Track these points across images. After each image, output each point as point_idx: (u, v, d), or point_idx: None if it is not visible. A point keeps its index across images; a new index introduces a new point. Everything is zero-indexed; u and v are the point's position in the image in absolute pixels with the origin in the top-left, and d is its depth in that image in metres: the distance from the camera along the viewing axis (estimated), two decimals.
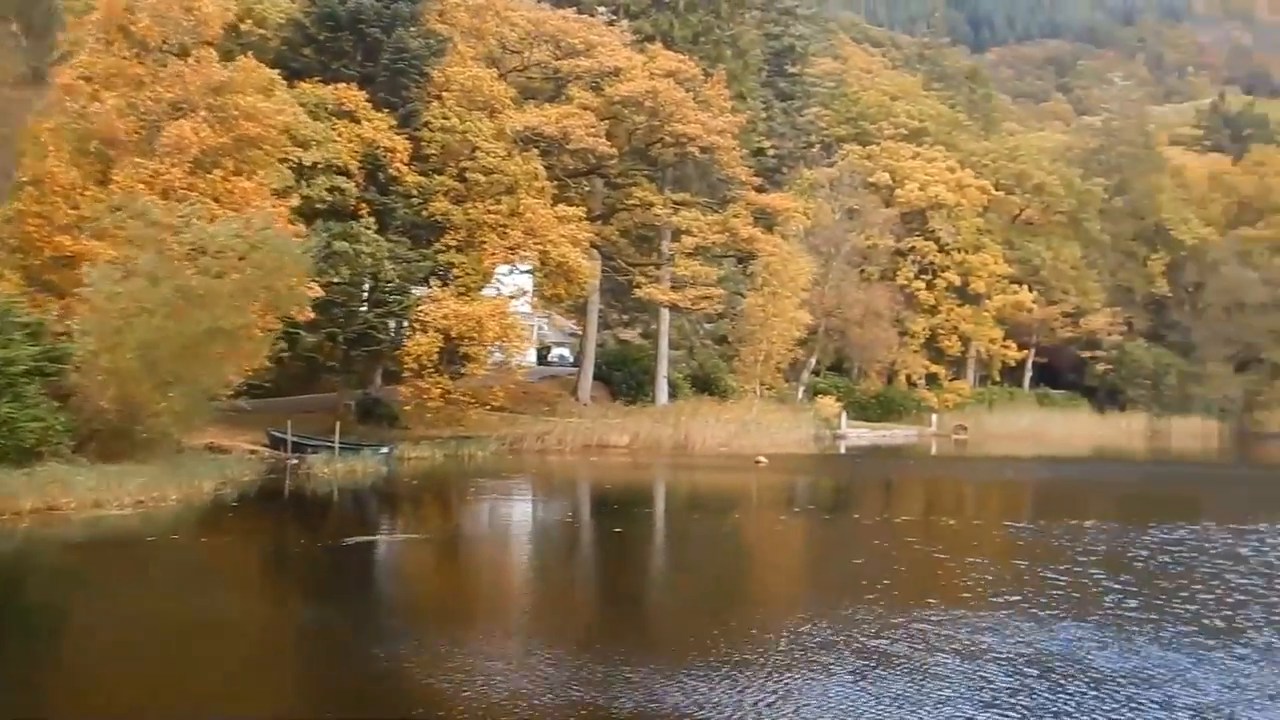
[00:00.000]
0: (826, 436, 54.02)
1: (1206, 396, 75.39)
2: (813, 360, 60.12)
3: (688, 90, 43.80)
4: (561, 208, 39.11)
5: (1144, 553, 18.98)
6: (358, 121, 35.12)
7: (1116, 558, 18.48)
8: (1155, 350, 76.12)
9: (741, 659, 11.08)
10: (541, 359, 62.83)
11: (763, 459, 37.28)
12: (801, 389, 58.81)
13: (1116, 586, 15.62)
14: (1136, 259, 78.50)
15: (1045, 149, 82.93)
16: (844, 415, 56.63)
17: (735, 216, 44.36)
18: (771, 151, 68.84)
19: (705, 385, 52.77)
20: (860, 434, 57.12)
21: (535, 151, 39.73)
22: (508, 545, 21.34)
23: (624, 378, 50.25)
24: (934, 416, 63.59)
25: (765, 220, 49.58)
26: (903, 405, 64.31)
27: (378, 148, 35.13)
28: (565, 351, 61.80)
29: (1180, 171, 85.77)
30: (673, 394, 49.92)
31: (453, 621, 13.29)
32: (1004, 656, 11.33)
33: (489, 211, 37.26)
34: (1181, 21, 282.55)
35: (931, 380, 66.48)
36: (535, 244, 37.86)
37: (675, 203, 44.70)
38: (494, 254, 37.62)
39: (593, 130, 41.26)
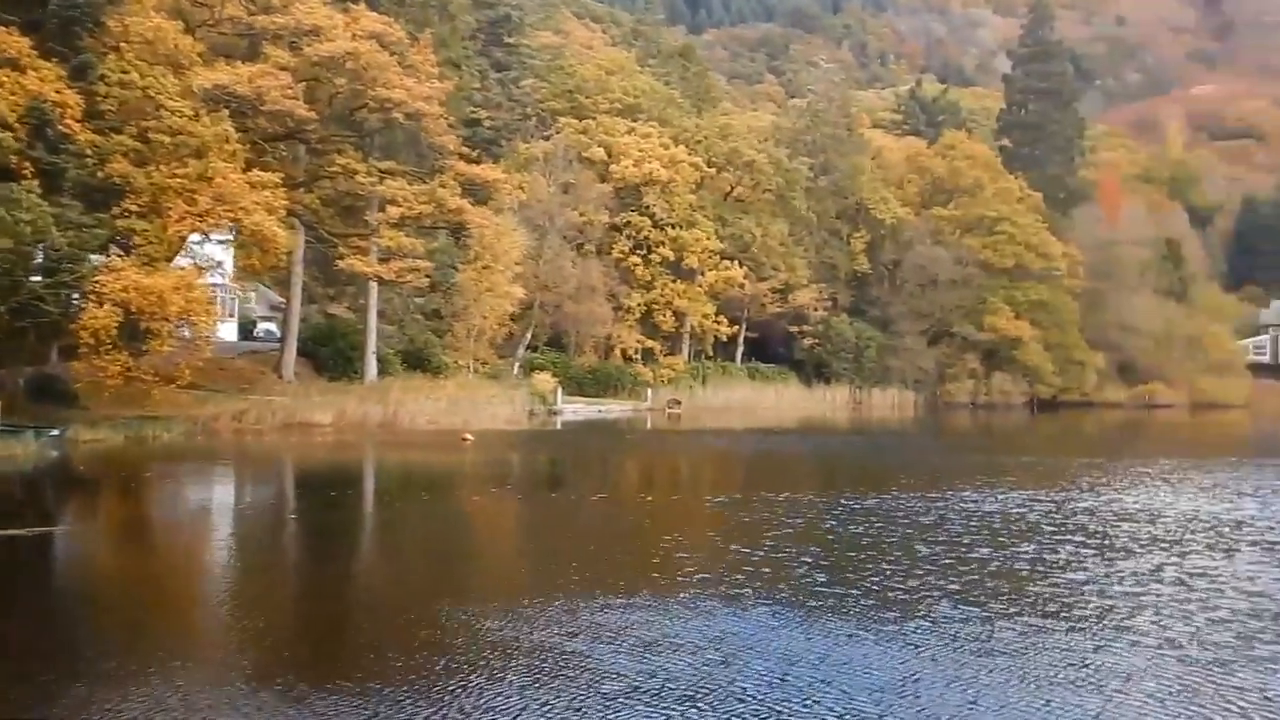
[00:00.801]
0: (541, 412, 53.45)
1: (903, 369, 79.62)
2: (528, 335, 59.45)
3: (393, 54, 41.91)
4: (256, 173, 36.47)
5: (835, 524, 19.07)
6: (21, 71, 31.57)
7: (810, 530, 18.47)
8: (857, 325, 79.73)
9: (411, 667, 9.95)
10: (247, 334, 59.71)
11: (469, 436, 36.21)
12: (517, 364, 58.05)
13: (808, 560, 15.42)
14: (840, 237, 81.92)
15: (756, 128, 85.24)
16: (559, 390, 56.22)
17: (443, 187, 42.79)
18: (488, 123, 67.56)
19: (417, 361, 51.16)
20: (576, 409, 56.91)
21: (226, 112, 37.00)
22: (175, 536, 19.30)
23: (331, 353, 48.04)
24: (649, 391, 64.21)
25: (478, 193, 48.28)
26: (619, 380, 64.61)
27: (45, 101, 31.66)
28: (273, 326, 58.89)
29: (880, 153, 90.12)
30: (383, 370, 48.06)
31: (70, 651, 11.44)
32: (686, 644, 10.68)
33: (174, 175, 34.38)
34: (884, 11, 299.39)
35: (647, 355, 67.05)
36: (226, 211, 35.23)
37: (381, 171, 42.71)
38: (180, 221, 34.71)
39: (289, 92, 38.80)
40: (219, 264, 40.19)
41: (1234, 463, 35.11)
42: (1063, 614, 12.28)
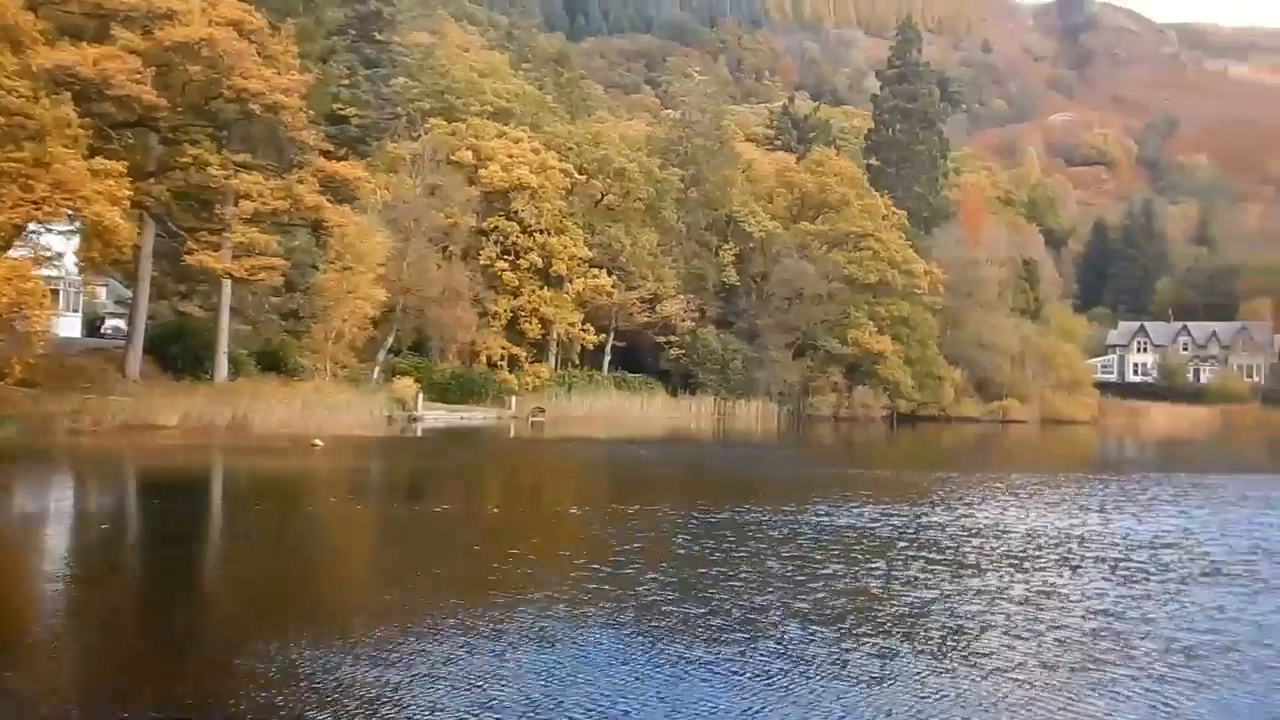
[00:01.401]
0: (401, 419, 52.15)
1: (768, 381, 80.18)
2: (390, 339, 58.05)
3: (252, 43, 40.30)
4: (100, 161, 34.63)
5: (688, 538, 18.64)
6: None
7: (661, 544, 17.96)
8: (724, 337, 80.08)
9: (198, 705, 9.10)
10: (94, 330, 57.33)
11: (319, 442, 34.92)
12: (378, 369, 56.61)
13: (656, 577, 14.88)
14: (709, 248, 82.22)
15: (629, 138, 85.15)
16: (420, 397, 54.97)
17: (301, 183, 41.31)
18: (356, 121, 66.06)
19: (272, 363, 49.56)
20: (437, 416, 55.72)
21: (69, 95, 35.05)
22: None
23: (180, 352, 46.19)
24: (514, 399, 63.34)
25: (340, 191, 46.84)
26: (483, 387, 63.55)
27: None
28: (122, 323, 56.34)
29: (751, 167, 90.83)
30: (235, 371, 46.37)
31: None
32: (517, 675, 10.03)
33: (9, 159, 32.40)
34: (760, 28, 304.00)
35: (513, 363, 66.13)
36: (65, 200, 33.34)
37: (236, 164, 41.00)
38: (15, 208, 32.78)
39: (138, 77, 36.84)
40: (58, 255, 38.24)
41: (1079, 478, 35.98)
42: (913, 635, 11.99)
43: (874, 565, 16.46)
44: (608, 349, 75.81)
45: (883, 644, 11.53)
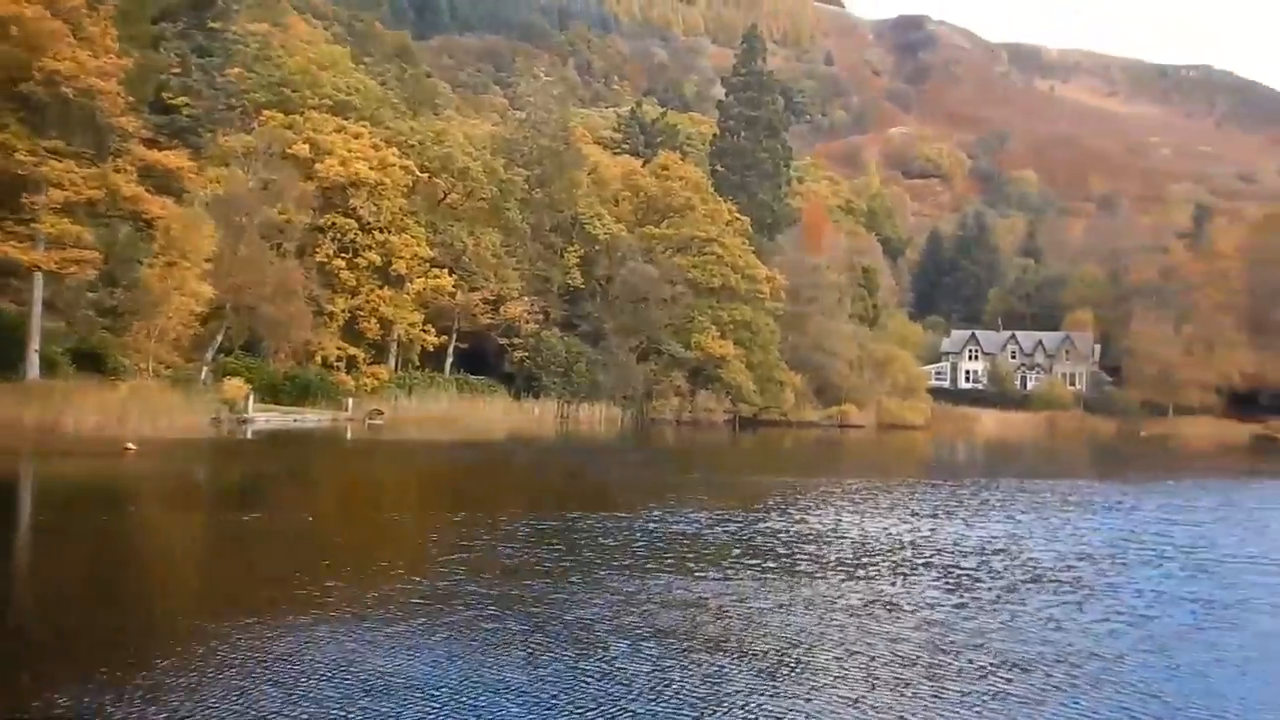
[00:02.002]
0: (229, 421, 49.89)
1: (612, 384, 79.82)
2: (219, 338, 55.52)
3: (66, 22, 37.96)
4: None
5: (517, 546, 17.92)
6: None
7: (486, 553, 17.18)
8: (568, 339, 79.45)
9: None
10: None
11: (131, 446, 32.91)
12: (206, 369, 54.12)
13: (477, 590, 14.13)
14: (555, 250, 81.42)
15: (474, 136, 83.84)
16: (251, 398, 52.73)
17: (118, 172, 39.04)
18: (187, 111, 63.10)
19: (91, 362, 46.67)
20: (268, 418, 53.56)
21: None
22: None
23: None
24: (350, 401, 61.48)
25: (164, 182, 44.56)
26: (320, 388, 61.49)
27: None
28: None
29: (597, 169, 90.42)
30: (48, 370, 43.51)
31: None
32: (297, 710, 9.18)
33: None
34: (610, 32, 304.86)
35: (350, 364, 64.14)
36: None
37: (47, 150, 38.49)
38: None
39: None
40: None
41: (913, 483, 36.54)
42: (744, 651, 11.52)
43: (707, 574, 16.03)
44: (450, 351, 74.33)
45: (712, 662, 11.03)
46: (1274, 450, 78.85)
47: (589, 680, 10.19)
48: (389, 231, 64.46)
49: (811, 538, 20.36)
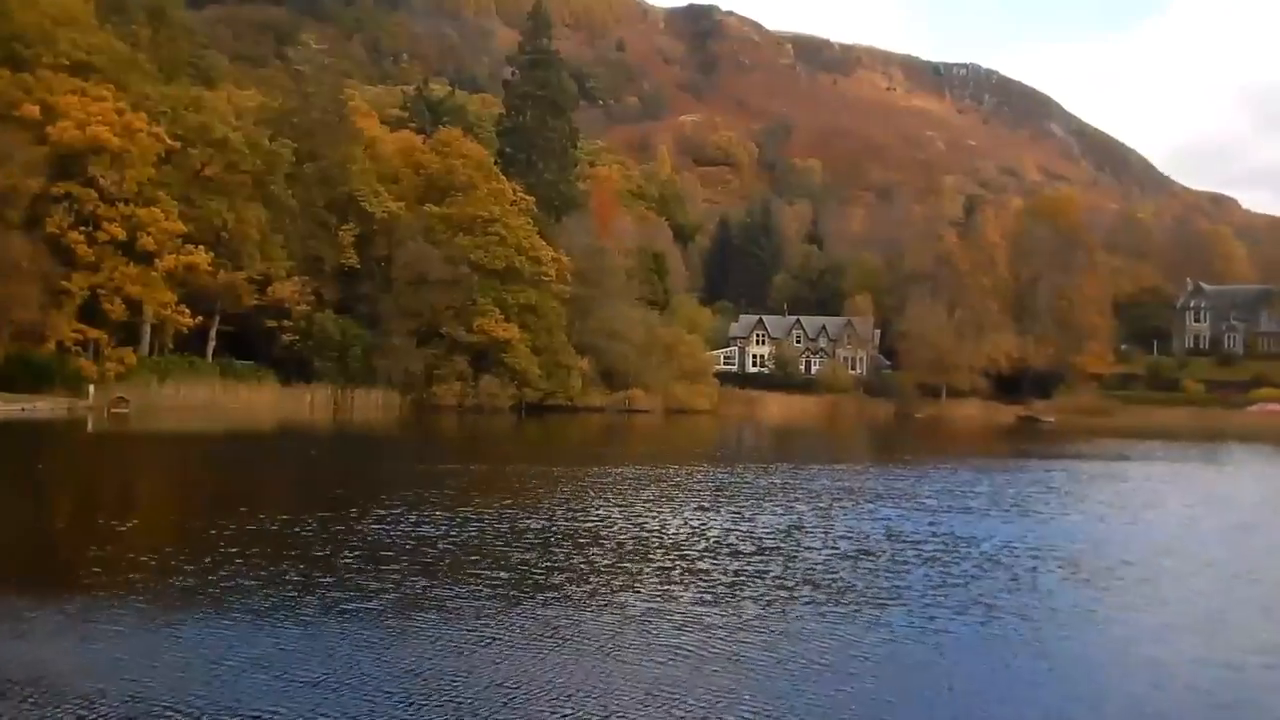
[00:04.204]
0: None
1: (390, 369, 76.10)
2: None
3: None
4: None
5: (191, 554, 14.98)
6: None
7: (151, 567, 14.21)
8: (343, 322, 75.31)
9: None
10: None
11: None
12: None
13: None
14: (328, 228, 76.93)
15: (243, 107, 78.43)
16: None
17: None
18: None
19: None
20: None
21: None
22: None
23: None
24: (92, 388, 56.10)
25: None
26: (58, 374, 55.97)
27: None
28: None
29: (374, 145, 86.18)
30: None
31: None
32: None
33: None
34: (398, 10, 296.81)
35: (92, 347, 58.45)
36: None
37: None
38: None
39: None
40: None
41: (689, 470, 34.88)
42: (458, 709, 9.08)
43: (416, 586, 13.51)
44: (212, 334, 69.16)
45: None
46: (1036, 432, 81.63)
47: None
48: (135, 203, 58.91)
49: (565, 537, 18.09)
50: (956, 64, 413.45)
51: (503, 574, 14.83)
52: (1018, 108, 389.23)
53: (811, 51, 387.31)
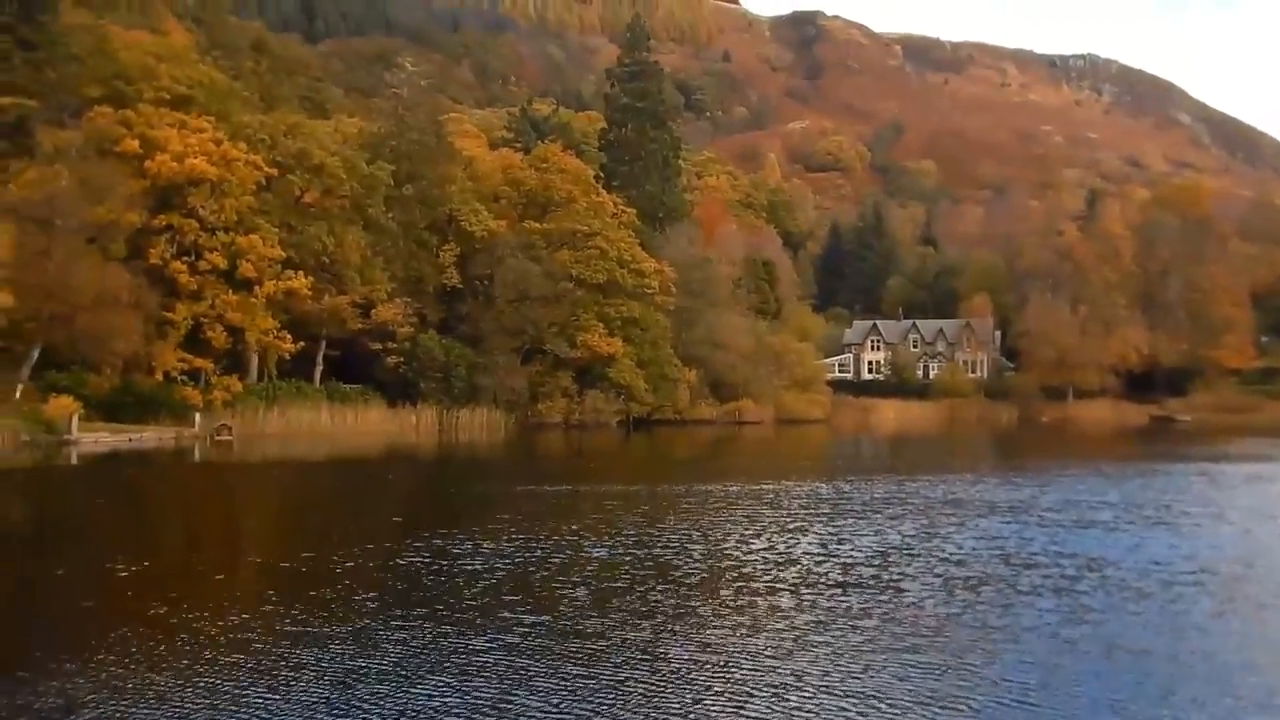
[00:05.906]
0: (46, 443, 44.70)
1: (494, 388, 75.39)
2: (34, 353, 50.11)
3: None
4: None
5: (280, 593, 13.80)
6: None
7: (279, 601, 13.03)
8: (447, 342, 74.85)
9: None
10: None
11: None
12: (21, 386, 48.73)
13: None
14: (429, 249, 76.78)
15: (344, 133, 78.86)
16: (76, 417, 47.55)
17: None
18: (16, 111, 57.99)
19: None
20: (99, 439, 48.43)
21: None
22: None
23: None
24: (198, 416, 56.47)
25: None
26: (164, 404, 56.50)
27: None
28: None
29: (473, 164, 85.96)
30: None
31: None
32: None
33: None
34: (505, 33, 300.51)
35: (196, 376, 58.86)
36: None
37: None
38: None
39: None
40: None
41: (794, 484, 33.00)
42: None
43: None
44: (319, 358, 69.33)
45: None
46: (1170, 432, 77.31)
47: None
48: (235, 232, 59.21)
49: (649, 563, 16.52)
50: (1073, 55, 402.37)
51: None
52: (1140, 96, 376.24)
53: (920, 51, 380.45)
